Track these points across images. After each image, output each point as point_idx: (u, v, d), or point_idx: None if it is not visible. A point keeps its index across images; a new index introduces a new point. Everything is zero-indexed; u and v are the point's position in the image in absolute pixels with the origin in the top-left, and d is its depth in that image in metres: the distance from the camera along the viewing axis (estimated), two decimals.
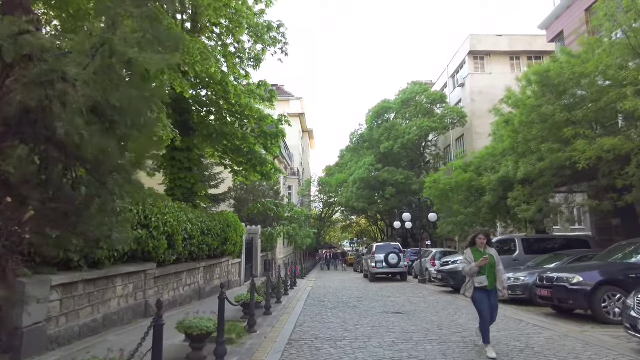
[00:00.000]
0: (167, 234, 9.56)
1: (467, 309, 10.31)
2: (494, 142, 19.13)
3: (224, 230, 14.24)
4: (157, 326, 3.73)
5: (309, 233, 26.04)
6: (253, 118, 14.57)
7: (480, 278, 5.97)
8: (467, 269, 6.06)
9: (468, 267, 6.06)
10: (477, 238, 6.25)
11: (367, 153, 37.36)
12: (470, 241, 6.40)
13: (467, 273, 6.08)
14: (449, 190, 19.83)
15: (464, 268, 6.15)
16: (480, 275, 5.98)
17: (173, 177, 14.47)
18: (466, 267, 6.12)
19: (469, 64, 35.94)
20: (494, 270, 6.04)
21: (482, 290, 5.98)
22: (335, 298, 13.41)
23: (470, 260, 6.10)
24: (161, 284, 9.91)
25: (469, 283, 6.13)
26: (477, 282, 5.98)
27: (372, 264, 20.13)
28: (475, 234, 6.39)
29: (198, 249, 12.14)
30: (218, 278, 14.92)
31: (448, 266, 14.07)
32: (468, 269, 6.05)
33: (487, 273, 5.98)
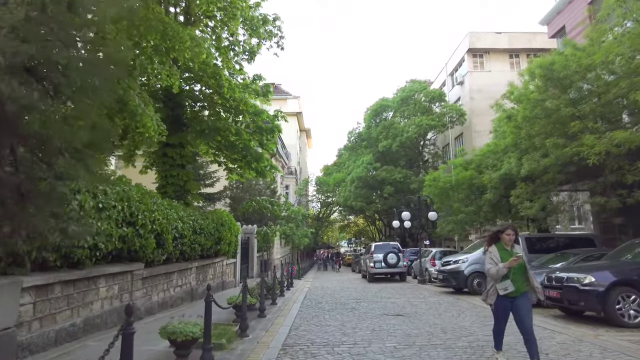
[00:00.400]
0: (156, 232, 9.07)
1: (471, 310, 9.86)
2: (495, 139, 18.73)
3: (218, 230, 13.76)
4: (127, 334, 3.24)
5: (306, 233, 25.57)
6: (248, 113, 14.09)
7: (504, 283, 4.89)
8: (493, 271, 4.92)
9: (494, 269, 4.91)
10: (505, 233, 5.10)
11: (365, 152, 36.93)
12: (492, 237, 5.27)
13: (493, 276, 4.97)
14: (449, 188, 19.39)
15: (489, 270, 5.01)
16: (504, 279, 4.90)
17: (165, 174, 13.97)
18: (492, 268, 4.96)
19: (468, 61, 35.56)
20: (523, 273, 4.99)
21: (506, 298, 4.95)
22: (333, 299, 12.94)
23: (496, 260, 4.98)
24: (150, 285, 9.42)
25: (492, 289, 5.09)
26: (501, 289, 4.91)
27: (371, 264, 19.68)
28: (502, 228, 5.24)
29: (190, 249, 11.65)
30: (212, 279, 14.43)
31: (449, 266, 13.63)
32: (494, 271, 4.91)
33: (512, 277, 4.92)
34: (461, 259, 13.38)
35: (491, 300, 5.14)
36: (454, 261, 13.53)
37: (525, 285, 4.99)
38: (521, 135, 13.74)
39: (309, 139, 70.73)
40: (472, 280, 12.94)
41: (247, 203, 14.88)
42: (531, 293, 5.03)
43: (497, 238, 5.17)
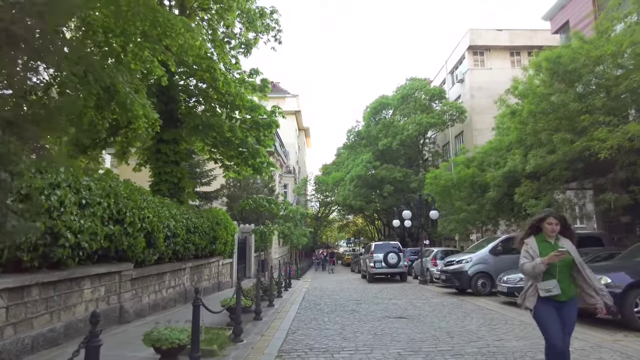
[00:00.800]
0: (146, 231, 8.62)
1: (476, 312, 9.42)
2: (498, 136, 18.28)
3: (213, 228, 13.31)
4: (91, 349, 2.79)
5: (305, 232, 25.11)
6: (244, 108, 13.63)
7: (547, 283, 3.89)
8: (529, 267, 3.94)
9: (530, 265, 3.94)
10: (546, 222, 4.06)
11: (365, 150, 36.48)
12: (531, 226, 4.22)
13: (529, 273, 3.98)
14: (450, 186, 18.96)
15: (524, 265, 4.04)
16: (547, 278, 3.89)
17: (158, 171, 13.51)
18: (527, 263, 3.99)
19: (469, 59, 35.14)
20: (570, 271, 3.99)
21: (549, 301, 3.91)
22: (332, 300, 12.50)
23: (533, 254, 4.00)
24: (140, 286, 8.97)
25: (531, 289, 4.04)
26: (543, 290, 3.90)
27: (371, 264, 19.23)
28: (542, 215, 4.18)
29: (183, 248, 11.21)
30: (207, 279, 13.98)
31: (452, 266, 13.19)
32: (530, 267, 3.93)
33: (558, 275, 3.90)
34: (464, 258, 12.95)
35: (530, 303, 4.01)
36: (457, 261, 13.09)
37: (574, 288, 4.01)
38: (526, 130, 13.30)
39: (308, 138, 70.28)
40: (476, 281, 12.51)
41: (243, 201, 14.42)
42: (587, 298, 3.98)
43: (538, 228, 4.16)
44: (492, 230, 21.39)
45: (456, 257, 13.54)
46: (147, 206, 8.74)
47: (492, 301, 11.17)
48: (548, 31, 33.81)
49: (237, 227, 17.27)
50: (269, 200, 14.09)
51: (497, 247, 12.83)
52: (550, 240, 4.06)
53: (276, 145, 32.06)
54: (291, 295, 14.24)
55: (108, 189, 7.25)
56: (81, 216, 6.33)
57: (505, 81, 34.23)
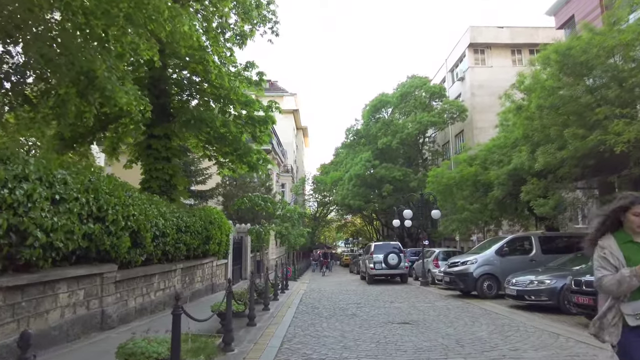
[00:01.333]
0: (131, 229, 8.01)
1: (485, 317, 8.84)
2: (502, 133, 17.72)
3: (206, 228, 12.70)
4: None
5: (303, 232, 24.52)
6: (239, 103, 13.03)
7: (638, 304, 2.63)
8: (612, 283, 2.64)
9: (613, 279, 2.64)
10: (632, 213, 2.76)
11: (364, 149, 35.89)
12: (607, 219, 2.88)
13: (612, 290, 2.66)
14: (453, 185, 18.39)
15: (603, 279, 2.70)
16: (637, 298, 2.63)
17: (149, 167, 12.91)
18: (608, 277, 2.68)
19: (469, 56, 34.64)
20: None
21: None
22: (331, 303, 11.91)
23: (616, 262, 2.71)
24: (125, 289, 8.36)
25: (611, 314, 2.71)
26: (634, 315, 2.63)
27: (370, 265, 18.64)
28: (624, 201, 2.82)
29: (174, 249, 10.61)
30: (200, 281, 13.38)
31: (457, 267, 12.61)
32: (614, 283, 2.63)
33: None
34: (469, 259, 12.37)
35: (612, 335, 2.69)
36: (462, 262, 12.51)
37: None
38: (534, 126, 12.74)
39: (306, 137, 69.68)
40: (482, 283, 11.92)
41: (238, 200, 13.83)
42: None
43: (617, 222, 2.85)
44: (495, 230, 20.83)
45: (460, 258, 12.96)
46: (133, 203, 8.13)
47: (500, 305, 10.59)
48: (550, 28, 33.35)
49: (232, 226, 16.66)
50: (265, 198, 13.50)
51: (503, 248, 12.26)
52: (638, 240, 2.76)
53: (273, 144, 31.47)
54: (288, 297, 13.65)
55: (87, 183, 6.64)
56: (54, 213, 5.72)
57: (506, 79, 33.71)
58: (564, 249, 11.91)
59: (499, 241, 12.89)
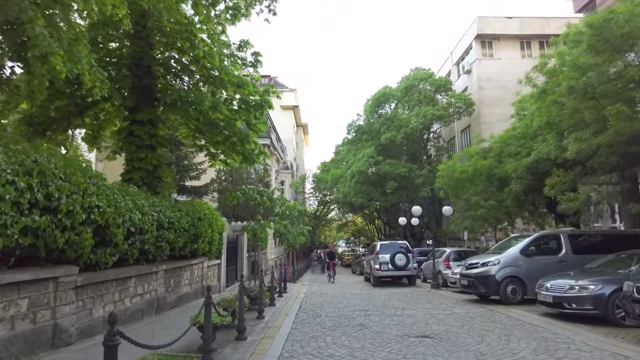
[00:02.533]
0: (96, 224, 6.64)
1: (519, 328, 7.45)
2: (519, 123, 16.32)
3: (194, 225, 11.32)
4: None
5: (303, 230, 23.11)
6: (231, 85, 11.64)
7: None
8: None
9: None
10: None
11: (366, 145, 34.46)
12: None
13: None
14: (465, 179, 17.00)
15: None
16: None
17: (131, 157, 11.55)
18: None
19: (476, 48, 33.24)
20: None
21: None
22: (335, 310, 10.52)
23: None
24: (90, 295, 6.98)
25: None
26: None
27: (376, 266, 17.24)
28: None
29: (155, 248, 9.24)
30: (188, 284, 12.00)
31: (477, 269, 11.20)
32: None
33: None
34: (490, 260, 10.97)
35: None
36: (482, 263, 11.10)
37: None
38: (562, 111, 11.34)
39: (306, 135, 68.31)
40: (505, 287, 10.52)
41: (231, 194, 12.43)
42: None
43: None
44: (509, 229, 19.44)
45: (480, 259, 11.55)
46: (98, 192, 6.74)
47: (530, 312, 9.20)
48: (562, 19, 32.01)
49: (225, 223, 15.29)
50: (261, 192, 12.12)
51: (529, 247, 10.84)
52: None
53: (272, 138, 30.11)
54: (286, 302, 12.26)
55: (30, 164, 5.26)
56: None
57: (515, 72, 32.31)
58: (597, 249, 10.52)
59: (523, 239, 11.49)
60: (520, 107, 17.29)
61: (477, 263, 11.29)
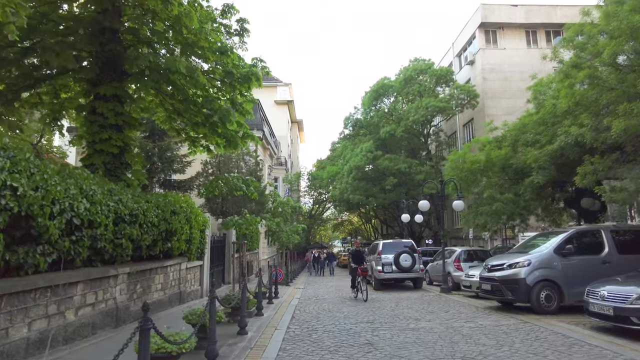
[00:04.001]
0: (9, 213, 4.83)
1: (577, 350, 5.69)
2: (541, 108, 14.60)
3: (166, 219, 9.50)
4: None
5: (297, 228, 21.31)
6: (211, 52, 9.82)
7: None
8: None
9: None
10: None
11: (364, 140, 32.70)
12: None
13: None
14: (477, 170, 15.28)
15: None
16: None
17: (92, 138, 9.73)
18: None
19: (480, 38, 31.64)
20: None
21: None
22: (334, 322, 8.74)
23: None
24: (5, 310, 5.15)
25: None
26: None
27: (378, 267, 15.47)
28: None
29: (112, 246, 7.44)
30: (161, 289, 10.18)
31: (503, 271, 9.42)
32: None
33: None
34: (519, 261, 9.22)
35: None
36: (509, 264, 9.36)
37: None
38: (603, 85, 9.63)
39: (301, 132, 66.46)
40: (539, 293, 8.78)
41: (212, 183, 10.62)
42: None
43: None
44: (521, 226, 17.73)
45: (506, 259, 9.77)
46: (11, 167, 4.92)
47: (576, 326, 7.47)
48: (569, 7, 30.51)
49: (208, 220, 13.48)
50: (247, 181, 10.32)
51: (565, 245, 9.09)
52: None
53: (265, 131, 28.28)
54: (276, 310, 10.47)
55: None
56: None
57: (520, 63, 30.95)
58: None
59: (553, 237, 9.76)
60: (537, 91, 15.61)
61: (503, 264, 9.52)
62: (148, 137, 20.34)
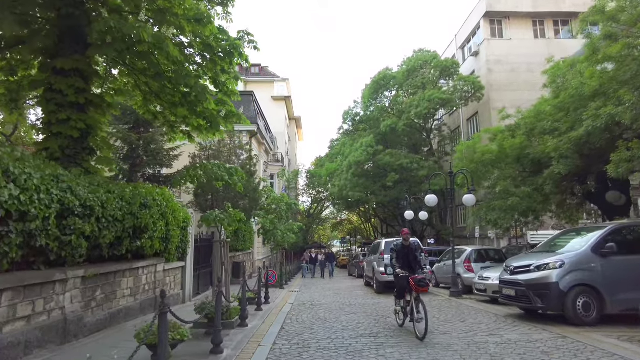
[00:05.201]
0: None
1: None
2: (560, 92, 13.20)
3: (133, 213, 8.09)
4: None
5: (292, 226, 19.88)
6: (186, 21, 8.39)
7: None
8: None
9: None
10: None
11: (364, 135, 31.28)
12: None
13: None
14: (489, 162, 13.87)
15: None
16: None
17: (49, 119, 8.33)
18: None
19: (484, 28, 30.25)
20: None
21: None
22: (331, 335, 7.33)
23: None
24: None
25: None
26: None
27: (380, 269, 14.04)
28: None
29: (57, 244, 6.04)
30: (130, 295, 8.77)
31: (529, 274, 8.01)
32: None
33: None
34: (549, 262, 7.80)
35: None
36: (537, 266, 7.94)
37: None
38: None
39: (299, 129, 65.03)
40: (575, 300, 7.37)
41: (188, 171, 9.16)
42: None
43: None
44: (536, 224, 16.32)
45: (533, 260, 8.33)
46: None
47: (629, 342, 6.06)
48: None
49: (190, 216, 12.08)
50: (231, 170, 8.88)
51: (604, 244, 7.67)
52: None
53: (260, 125, 26.87)
54: (264, 319, 9.05)
55: None
56: None
57: (527, 54, 29.56)
58: None
59: (587, 233, 8.35)
60: (554, 75, 14.22)
61: (528, 266, 8.09)
62: (132, 128, 18.94)
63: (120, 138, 17.82)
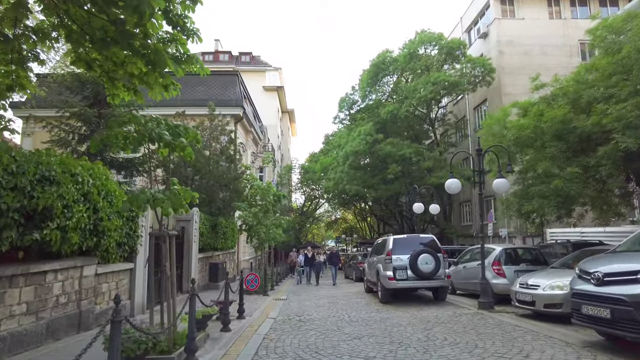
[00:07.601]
0: None
1: None
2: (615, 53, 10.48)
3: (24, 192, 5.25)
4: None
5: (280, 221, 17.03)
6: None
7: None
8: None
9: None
10: None
11: (363, 123, 28.52)
12: None
13: None
14: (526, 139, 11.12)
15: None
16: None
17: None
18: None
19: (495, 7, 27.63)
20: None
21: None
22: None
23: None
24: None
25: None
26: None
27: (388, 273, 11.21)
28: None
29: None
30: (27, 312, 5.90)
31: (622, 285, 5.13)
32: None
33: None
34: None
35: None
36: (630, 272, 5.14)
37: None
38: None
39: (293, 123, 62.08)
40: None
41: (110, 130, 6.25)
42: None
43: None
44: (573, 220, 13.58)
45: (623, 264, 5.52)
46: None
47: None
48: None
49: None
50: (177, 128, 6.06)
51: None
52: None
53: (245, 108, 23.95)
54: (227, 348, 6.22)
55: None
56: None
57: (541, 35, 26.95)
58: None
59: None
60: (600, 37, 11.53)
61: (634, 273, 5.26)
62: (92, 105, 16.06)
63: (76, 114, 14.95)
